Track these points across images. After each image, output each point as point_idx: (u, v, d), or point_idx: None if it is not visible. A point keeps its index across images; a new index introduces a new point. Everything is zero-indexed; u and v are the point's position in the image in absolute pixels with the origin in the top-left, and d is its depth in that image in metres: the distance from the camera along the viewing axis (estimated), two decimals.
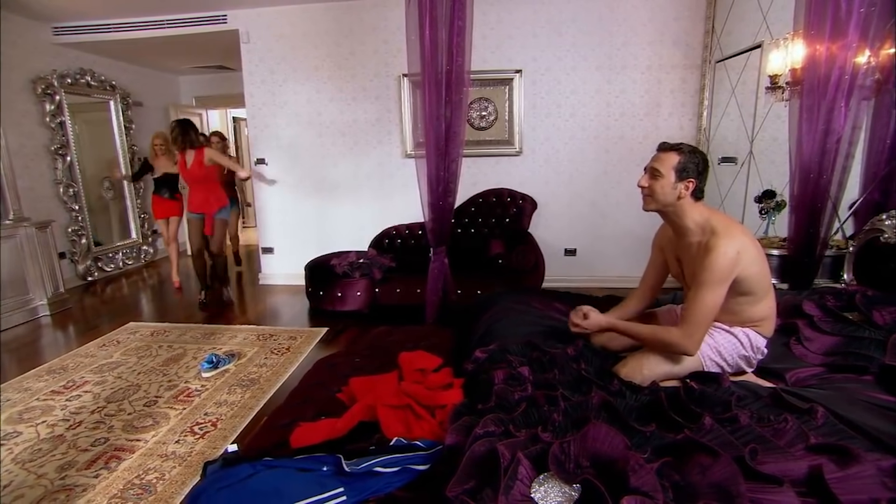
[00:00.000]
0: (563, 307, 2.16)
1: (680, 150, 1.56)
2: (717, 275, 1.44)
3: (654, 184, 1.58)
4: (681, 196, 1.56)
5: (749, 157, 3.50)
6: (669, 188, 1.56)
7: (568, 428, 1.13)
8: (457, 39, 2.32)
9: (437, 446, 1.34)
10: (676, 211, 1.60)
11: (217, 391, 2.70)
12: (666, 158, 1.57)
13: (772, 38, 3.08)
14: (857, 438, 1.16)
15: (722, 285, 1.45)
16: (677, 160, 1.55)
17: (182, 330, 3.69)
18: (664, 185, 1.56)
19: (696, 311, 1.46)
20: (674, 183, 1.55)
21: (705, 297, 1.45)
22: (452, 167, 2.47)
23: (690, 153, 1.56)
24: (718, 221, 1.55)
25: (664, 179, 1.56)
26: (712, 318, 1.48)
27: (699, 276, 1.47)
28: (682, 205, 1.58)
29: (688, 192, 1.56)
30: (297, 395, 1.86)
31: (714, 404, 1.27)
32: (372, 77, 4.44)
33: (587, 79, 4.19)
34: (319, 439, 1.45)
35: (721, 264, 1.44)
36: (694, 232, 1.59)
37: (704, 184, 1.61)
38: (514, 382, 1.39)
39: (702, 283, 1.46)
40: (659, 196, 1.58)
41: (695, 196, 1.58)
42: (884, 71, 2.46)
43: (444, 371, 1.75)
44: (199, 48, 5.16)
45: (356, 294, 3.77)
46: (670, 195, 1.57)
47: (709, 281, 1.44)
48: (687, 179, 1.55)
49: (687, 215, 1.59)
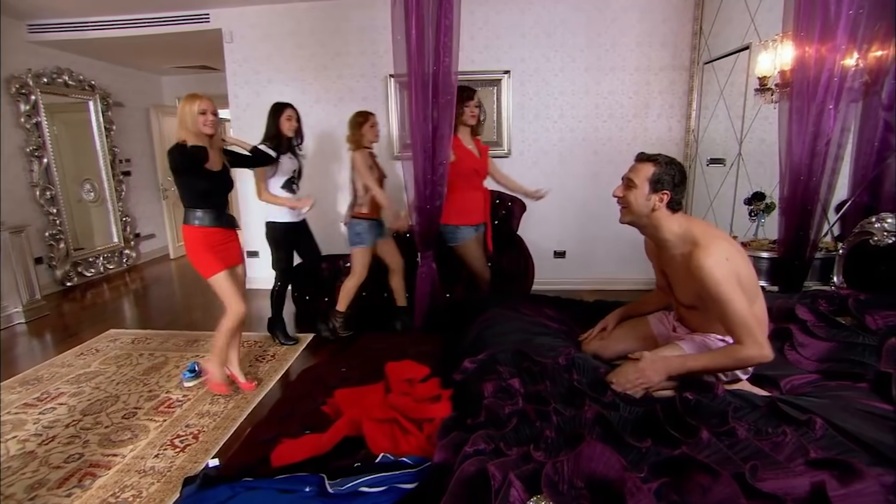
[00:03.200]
0: (553, 313, 2.12)
1: (656, 162, 1.54)
2: (726, 285, 1.41)
3: (629, 194, 1.56)
4: (655, 208, 1.54)
5: (738, 158, 3.50)
6: (643, 199, 1.54)
7: (561, 445, 1.08)
8: (444, 39, 2.26)
9: (424, 463, 1.29)
10: (652, 223, 1.57)
11: (199, 401, 2.62)
12: (641, 169, 1.55)
13: (760, 40, 3.08)
14: (858, 451, 1.12)
15: (737, 291, 1.42)
16: (652, 171, 1.52)
17: (164, 337, 3.60)
18: (637, 195, 1.54)
19: (736, 320, 1.42)
20: (647, 194, 1.53)
21: (733, 306, 1.42)
22: (440, 170, 2.42)
23: (667, 165, 1.53)
24: (699, 231, 1.52)
25: (637, 190, 1.54)
26: (751, 317, 1.43)
27: (710, 300, 1.44)
28: (656, 217, 1.55)
29: (662, 203, 1.53)
30: (281, 407, 1.79)
31: (710, 416, 1.23)
32: (358, 78, 4.38)
33: (576, 80, 4.17)
34: (302, 457, 1.38)
35: (721, 274, 1.41)
36: (674, 244, 1.57)
37: (682, 196, 1.58)
38: (505, 395, 1.34)
39: (719, 301, 1.42)
40: (633, 207, 1.56)
41: (671, 208, 1.55)
42: (872, 73, 2.46)
43: (431, 381, 1.70)
44: (181, 48, 5.05)
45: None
46: (643, 206, 1.54)
47: (724, 294, 1.41)
48: (661, 191, 1.52)
49: (664, 227, 1.56)
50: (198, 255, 2.50)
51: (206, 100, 2.40)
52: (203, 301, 4.53)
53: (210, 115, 2.39)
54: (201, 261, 2.50)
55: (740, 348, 1.44)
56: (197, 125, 2.36)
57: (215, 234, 2.53)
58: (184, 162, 2.37)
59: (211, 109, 2.40)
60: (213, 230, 2.52)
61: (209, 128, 2.40)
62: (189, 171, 2.42)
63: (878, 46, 2.45)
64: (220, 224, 2.55)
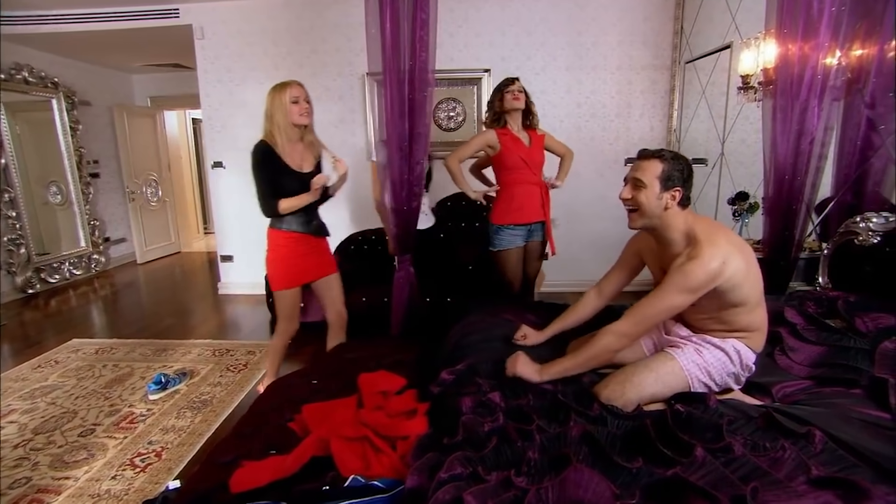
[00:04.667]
0: (536, 319, 2.02)
1: (662, 158, 1.45)
2: (689, 283, 1.33)
3: (638, 195, 1.46)
4: (667, 207, 1.44)
5: (720, 158, 3.47)
6: (655, 199, 1.44)
7: (545, 469, 0.98)
8: (420, 33, 2.16)
9: (398, 486, 1.18)
10: (663, 223, 1.47)
11: (164, 416, 2.47)
12: (648, 167, 1.45)
13: (741, 39, 3.05)
14: (860, 467, 1.05)
15: (688, 294, 1.34)
16: (661, 168, 1.43)
17: (131, 346, 3.42)
18: (649, 196, 1.44)
19: (647, 309, 1.38)
20: (659, 193, 1.44)
21: (664, 299, 1.36)
22: (417, 169, 2.31)
23: (674, 160, 1.45)
24: (701, 229, 1.43)
25: (648, 190, 1.44)
26: (658, 322, 1.40)
27: (671, 274, 1.36)
28: (669, 216, 1.45)
29: (674, 201, 1.44)
30: (245, 424, 1.66)
31: (704, 429, 1.15)
32: (335, 76, 4.25)
33: (557, 79, 4.11)
34: (265, 481, 1.26)
35: (697, 274, 1.33)
36: (678, 242, 1.48)
37: (690, 191, 1.50)
38: (484, 411, 1.24)
39: (668, 284, 1.35)
40: (646, 209, 1.45)
41: (682, 205, 1.47)
42: (854, 71, 2.44)
43: (407, 394, 1.59)
44: (151, 44, 4.85)
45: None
46: (657, 206, 1.44)
47: (676, 285, 1.34)
48: (673, 188, 1.43)
49: (674, 227, 1.47)
50: (271, 265, 2.30)
51: (297, 85, 2.14)
52: (175, 308, 4.36)
53: (304, 103, 2.14)
54: (272, 271, 2.31)
55: (607, 334, 1.44)
56: (291, 116, 2.11)
57: (299, 241, 2.28)
58: (264, 160, 2.12)
59: (304, 97, 2.15)
60: (297, 235, 2.26)
61: (305, 117, 2.15)
62: (273, 172, 2.14)
63: (860, 45, 2.43)
64: (307, 230, 2.30)
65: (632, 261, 1.78)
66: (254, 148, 2.16)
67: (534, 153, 2.64)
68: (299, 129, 2.20)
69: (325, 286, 2.45)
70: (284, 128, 2.14)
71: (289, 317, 2.41)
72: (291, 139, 2.19)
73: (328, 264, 2.46)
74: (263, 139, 2.16)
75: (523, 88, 2.59)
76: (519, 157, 2.58)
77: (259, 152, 2.14)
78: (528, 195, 2.64)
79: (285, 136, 2.15)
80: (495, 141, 2.57)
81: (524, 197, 2.63)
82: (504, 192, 2.64)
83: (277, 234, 2.27)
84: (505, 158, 2.59)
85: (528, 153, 2.61)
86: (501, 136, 2.57)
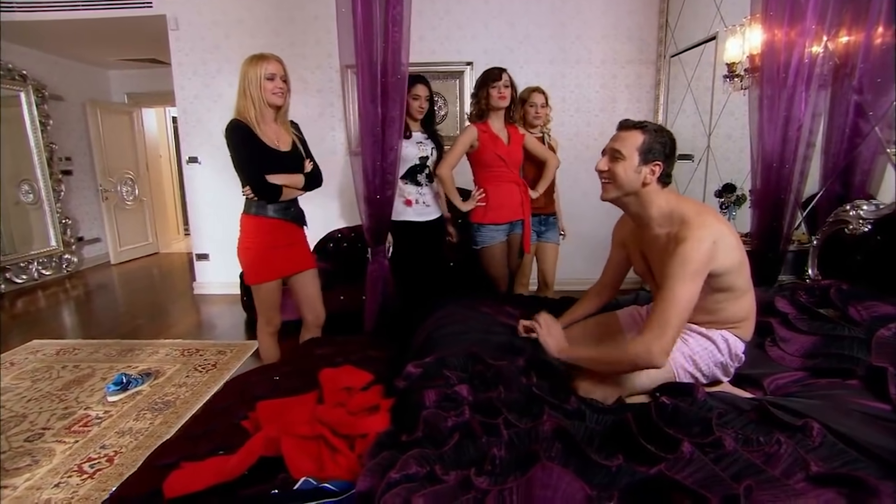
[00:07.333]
0: (515, 311, 1.91)
1: (644, 129, 1.35)
2: (691, 266, 1.21)
3: (615, 167, 1.36)
4: (646, 182, 1.35)
5: (707, 152, 3.40)
6: (633, 172, 1.34)
7: (510, 467, 0.86)
8: (392, 12, 2.05)
9: (350, 489, 1.05)
10: (640, 200, 1.37)
11: (122, 418, 2.32)
12: (628, 138, 1.35)
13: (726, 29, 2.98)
14: (862, 461, 0.95)
15: (696, 279, 1.22)
16: (641, 140, 1.33)
17: (95, 347, 3.25)
18: (626, 168, 1.34)
19: (667, 309, 1.20)
20: (637, 166, 1.34)
21: (678, 292, 1.20)
22: (391, 156, 2.19)
23: (656, 132, 1.35)
24: (688, 209, 1.33)
25: (626, 162, 1.34)
26: (686, 318, 1.23)
27: (669, 267, 1.23)
28: (647, 192, 1.36)
29: (654, 176, 1.34)
30: (196, 424, 1.53)
31: (691, 423, 1.04)
32: (314, 69, 4.13)
33: (541, 72, 4.01)
34: (204, 485, 1.13)
35: (695, 255, 1.21)
36: (659, 222, 1.38)
37: (672, 168, 1.40)
38: (449, 405, 1.11)
39: (673, 277, 1.22)
40: (622, 181, 1.35)
41: (662, 181, 1.37)
42: (841, 57, 2.37)
43: (372, 390, 1.46)
44: (124, 37, 4.70)
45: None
46: (634, 180, 1.35)
47: (681, 274, 1.21)
48: (653, 162, 1.33)
49: (652, 204, 1.37)
50: (245, 255, 2.08)
51: (275, 60, 1.95)
52: (148, 309, 4.18)
53: (280, 81, 1.95)
54: (246, 262, 2.09)
55: (637, 343, 1.22)
56: (264, 93, 1.92)
57: (276, 229, 2.07)
58: (235, 138, 1.92)
59: (281, 74, 1.95)
60: (275, 222, 2.06)
61: (279, 97, 1.96)
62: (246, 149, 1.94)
63: (846, 31, 2.37)
64: (286, 217, 2.09)
65: (620, 253, 1.68)
66: (227, 127, 1.96)
67: (512, 151, 2.55)
68: (273, 110, 2.03)
69: (302, 283, 2.26)
70: (258, 104, 1.95)
71: (270, 310, 2.22)
72: (265, 118, 2.01)
73: (306, 258, 2.26)
74: (235, 117, 1.97)
75: (510, 82, 2.49)
76: (496, 155, 2.49)
77: (234, 130, 1.94)
78: (507, 194, 2.54)
79: (259, 113, 1.96)
80: (475, 138, 2.47)
81: (504, 196, 2.54)
82: (482, 189, 2.54)
83: (252, 220, 2.05)
84: (482, 156, 2.49)
85: (506, 151, 2.51)
86: (481, 132, 2.47)
